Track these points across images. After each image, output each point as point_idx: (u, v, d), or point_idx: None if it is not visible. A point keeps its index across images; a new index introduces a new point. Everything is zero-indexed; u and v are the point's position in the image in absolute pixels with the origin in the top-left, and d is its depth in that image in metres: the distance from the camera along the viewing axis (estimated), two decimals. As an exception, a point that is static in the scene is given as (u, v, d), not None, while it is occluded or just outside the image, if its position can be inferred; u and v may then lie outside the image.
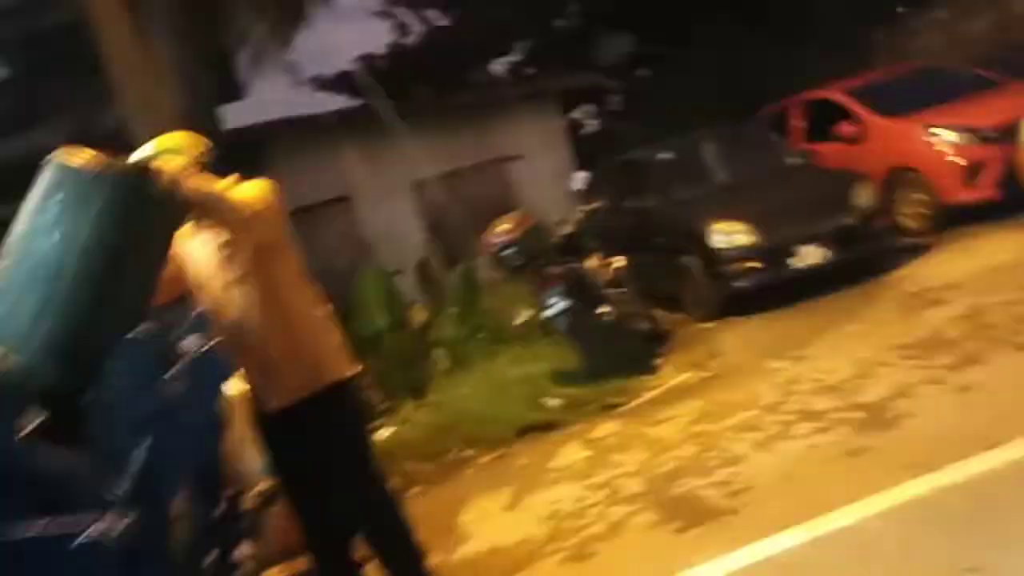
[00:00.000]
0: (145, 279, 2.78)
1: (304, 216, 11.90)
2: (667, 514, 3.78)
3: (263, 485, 3.84)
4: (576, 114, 13.64)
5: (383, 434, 6.42)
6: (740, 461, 4.12)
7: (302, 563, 3.73)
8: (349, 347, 3.43)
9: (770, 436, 4.31)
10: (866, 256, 7.11)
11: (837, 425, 4.15)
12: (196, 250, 3.20)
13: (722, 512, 3.62)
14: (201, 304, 3.25)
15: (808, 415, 4.42)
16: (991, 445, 3.37)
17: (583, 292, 6.37)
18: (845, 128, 8.51)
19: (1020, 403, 3.72)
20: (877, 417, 4.08)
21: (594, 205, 7.34)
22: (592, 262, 7.03)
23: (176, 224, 2.92)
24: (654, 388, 5.90)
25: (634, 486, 4.25)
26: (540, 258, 6.34)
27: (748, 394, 5.10)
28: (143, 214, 2.66)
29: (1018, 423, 3.48)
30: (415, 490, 5.45)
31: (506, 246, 6.21)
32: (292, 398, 3.25)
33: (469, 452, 5.69)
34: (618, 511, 3.99)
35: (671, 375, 6.09)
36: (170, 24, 12.30)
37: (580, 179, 7.61)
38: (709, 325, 7.19)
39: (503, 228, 6.28)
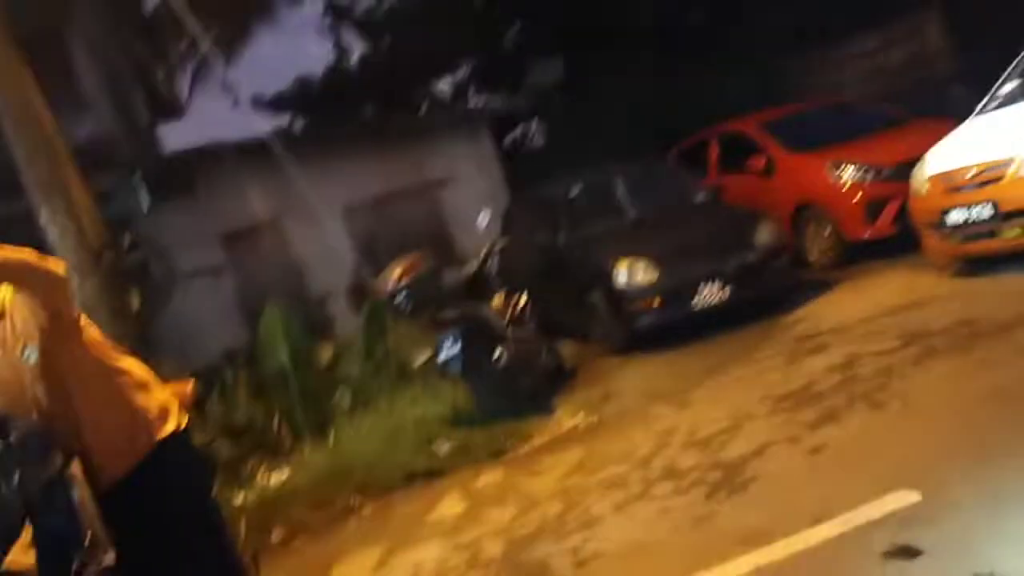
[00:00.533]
0: None
1: (236, 240, 11.86)
2: (513, 584, 3.79)
3: (109, 558, 3.77)
4: (509, 140, 13.68)
5: (277, 478, 6.38)
6: (596, 523, 4.14)
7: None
8: (171, 401, 3.40)
9: (631, 495, 4.33)
10: (766, 295, 7.21)
11: (694, 486, 4.18)
12: None
13: (564, 584, 3.64)
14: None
15: (671, 473, 4.45)
16: (820, 519, 3.42)
17: (479, 334, 6.37)
18: (755, 162, 8.62)
19: (858, 471, 3.78)
20: (731, 479, 4.11)
21: (501, 242, 7.36)
22: (495, 301, 7.05)
23: None
24: (543, 433, 5.92)
25: (494, 548, 4.25)
26: (432, 303, 6.33)
27: (626, 444, 5.13)
28: None
29: (850, 494, 3.53)
30: (297, 541, 5.43)
31: (398, 291, 6.19)
32: (116, 476, 3.24)
33: (357, 500, 5.66)
34: (470, 578, 4.00)
35: (563, 419, 6.11)
36: (95, 45, 12.20)
37: (489, 214, 7.59)
38: (613, 361, 7.26)
39: (395, 272, 6.26)
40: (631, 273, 7.19)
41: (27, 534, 3.30)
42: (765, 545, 3.39)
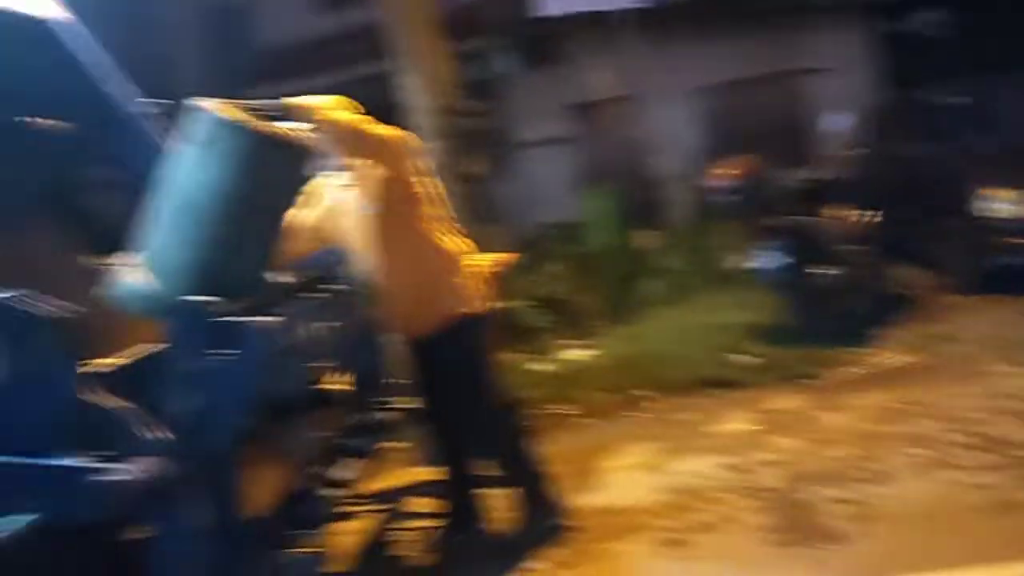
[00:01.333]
0: (275, 219, 3.09)
1: (587, 113, 12.02)
2: (781, 522, 3.59)
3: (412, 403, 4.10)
4: (894, 31, 12.12)
5: (577, 355, 6.56)
6: (887, 480, 3.77)
7: (431, 473, 4.03)
8: (479, 285, 3.59)
9: (936, 458, 3.88)
10: None
11: (1016, 466, 3.65)
12: (336, 198, 3.45)
13: (834, 537, 3.37)
14: (342, 248, 3.51)
15: (992, 443, 3.91)
16: None
17: (806, 248, 5.94)
18: None
19: None
20: (1063, 468, 3.54)
21: (852, 150, 6.68)
22: (832, 214, 6.50)
23: (303, 171, 3.17)
24: (857, 366, 5.47)
25: (769, 478, 4.03)
26: (761, 208, 5.96)
27: (947, 399, 4.59)
28: (273, 162, 2.92)
29: None
30: (580, 420, 5.57)
31: (727, 191, 5.89)
32: (417, 332, 3.52)
33: (647, 392, 5.66)
34: (738, 504, 3.84)
35: (884, 354, 5.60)
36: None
37: (844, 118, 6.90)
38: (960, 300, 6.48)
39: (727, 171, 5.95)
40: (995, 203, 6.26)
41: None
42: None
